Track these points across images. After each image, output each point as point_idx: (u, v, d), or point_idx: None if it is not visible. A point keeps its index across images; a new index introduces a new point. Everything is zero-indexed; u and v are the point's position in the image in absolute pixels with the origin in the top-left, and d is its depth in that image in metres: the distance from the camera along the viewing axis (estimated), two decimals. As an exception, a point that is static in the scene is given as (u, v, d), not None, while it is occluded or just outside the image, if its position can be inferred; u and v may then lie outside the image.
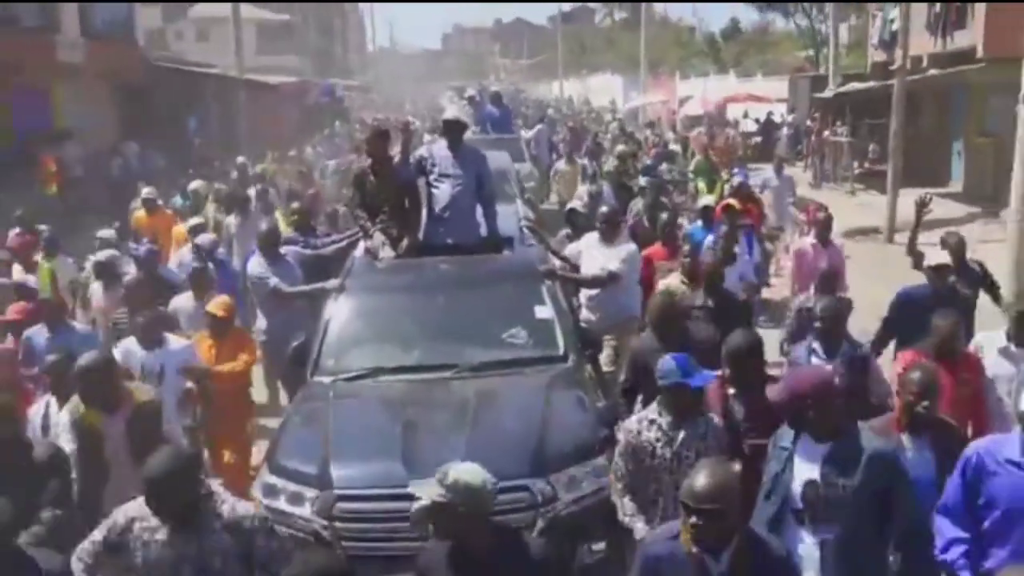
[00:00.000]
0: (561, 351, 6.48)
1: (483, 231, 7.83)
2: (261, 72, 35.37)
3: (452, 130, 7.80)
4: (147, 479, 3.80)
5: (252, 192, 13.53)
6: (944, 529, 4.16)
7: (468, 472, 3.69)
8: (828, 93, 26.96)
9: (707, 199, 10.82)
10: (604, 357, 7.57)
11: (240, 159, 20.27)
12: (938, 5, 22.19)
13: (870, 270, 11.56)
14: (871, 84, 23.97)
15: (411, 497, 4.95)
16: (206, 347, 7.24)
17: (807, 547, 4.22)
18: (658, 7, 75.27)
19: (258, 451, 7.28)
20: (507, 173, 12.18)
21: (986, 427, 5.52)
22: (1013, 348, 5.88)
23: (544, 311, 6.67)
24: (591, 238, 8.51)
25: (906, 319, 6.68)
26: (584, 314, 8.03)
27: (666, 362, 4.70)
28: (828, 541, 4.20)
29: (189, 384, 6.79)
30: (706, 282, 7.18)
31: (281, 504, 5.43)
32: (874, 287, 9.72)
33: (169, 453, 3.96)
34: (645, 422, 4.82)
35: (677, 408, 4.69)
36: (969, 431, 5.42)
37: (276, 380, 8.40)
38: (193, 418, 6.79)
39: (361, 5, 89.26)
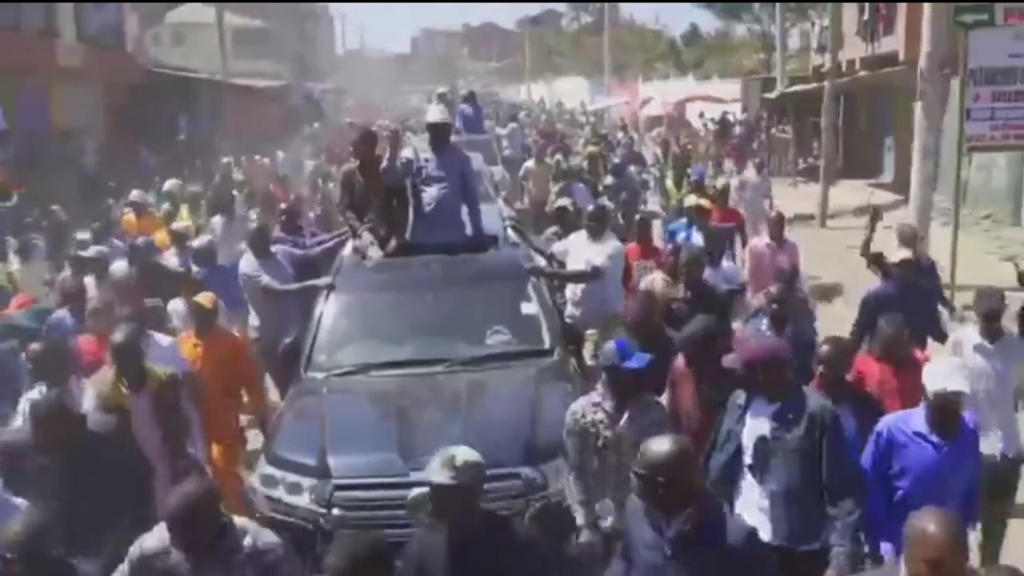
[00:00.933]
0: (547, 345, 6.54)
1: (468, 231, 7.76)
2: (238, 76, 35.26)
3: (437, 132, 7.78)
4: (170, 513, 3.68)
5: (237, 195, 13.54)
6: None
7: (471, 453, 3.79)
8: (774, 94, 28.47)
9: (691, 199, 10.69)
10: (588, 350, 7.64)
11: (224, 160, 20.31)
12: (867, 14, 24.49)
13: (804, 249, 13.35)
14: (810, 86, 24.92)
15: (407, 485, 5.10)
16: (190, 345, 7.04)
17: (757, 498, 4.55)
18: (625, 11, 77.97)
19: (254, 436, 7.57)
20: (483, 174, 12.12)
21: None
22: (987, 344, 5.83)
23: (530, 307, 6.75)
24: (579, 236, 8.59)
25: (875, 320, 6.67)
26: (569, 309, 8.05)
27: (607, 346, 4.93)
28: (776, 492, 4.51)
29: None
30: (685, 274, 7.23)
31: (280, 493, 5.49)
32: (808, 264, 10.41)
33: (192, 485, 3.84)
34: (590, 405, 4.93)
35: (615, 390, 4.83)
36: None
37: (264, 375, 8.33)
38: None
39: (332, 9, 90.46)
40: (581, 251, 8.35)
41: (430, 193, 7.63)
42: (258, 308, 8.32)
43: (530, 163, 15.74)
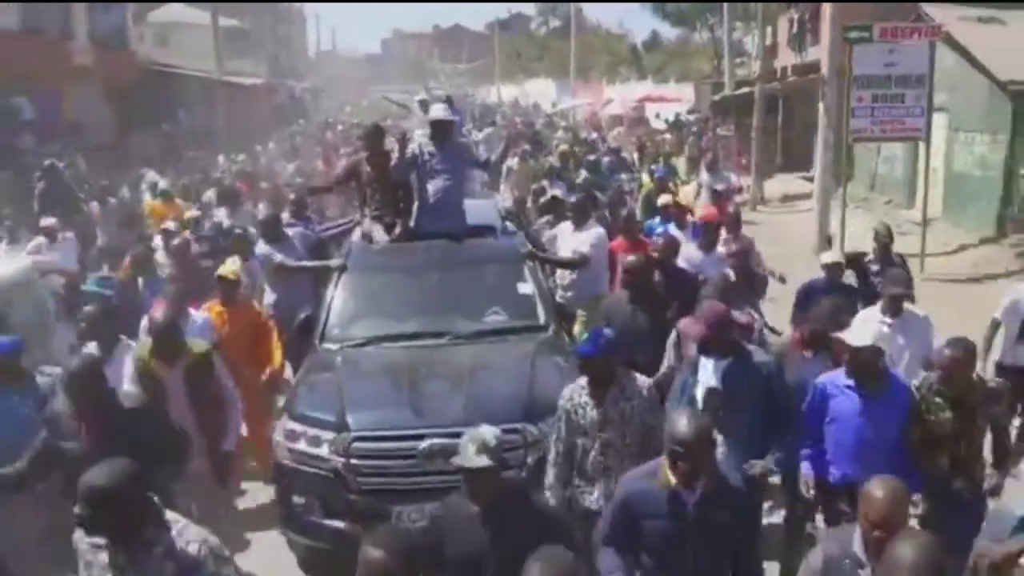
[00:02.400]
0: (542, 322, 6.96)
1: (469, 220, 8.13)
2: (225, 75, 36.58)
3: (439, 128, 8.06)
4: (82, 491, 3.38)
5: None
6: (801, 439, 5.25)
7: (494, 431, 3.92)
8: (717, 97, 30.47)
9: (665, 198, 11.17)
10: (577, 328, 7.92)
11: (222, 157, 21.28)
12: (796, 28, 27.02)
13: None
14: (745, 91, 26.34)
15: (419, 438, 5.57)
16: (216, 313, 7.45)
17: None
18: (591, 16, 79.01)
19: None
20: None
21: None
22: (889, 320, 6.44)
23: (526, 287, 7.18)
24: (565, 226, 9.12)
25: (807, 306, 7.16)
26: (560, 292, 8.43)
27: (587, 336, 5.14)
28: (727, 439, 4.94)
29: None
30: (659, 260, 7.56)
31: (302, 446, 5.89)
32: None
33: (114, 465, 3.49)
34: (578, 388, 5.10)
35: (586, 373, 5.03)
36: None
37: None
38: None
39: (306, 10, 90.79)
40: (568, 239, 8.88)
41: (434, 184, 7.92)
42: (273, 286, 8.67)
43: (512, 162, 15.78)
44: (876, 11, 16.89)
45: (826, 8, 15.70)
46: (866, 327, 5.96)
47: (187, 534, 3.55)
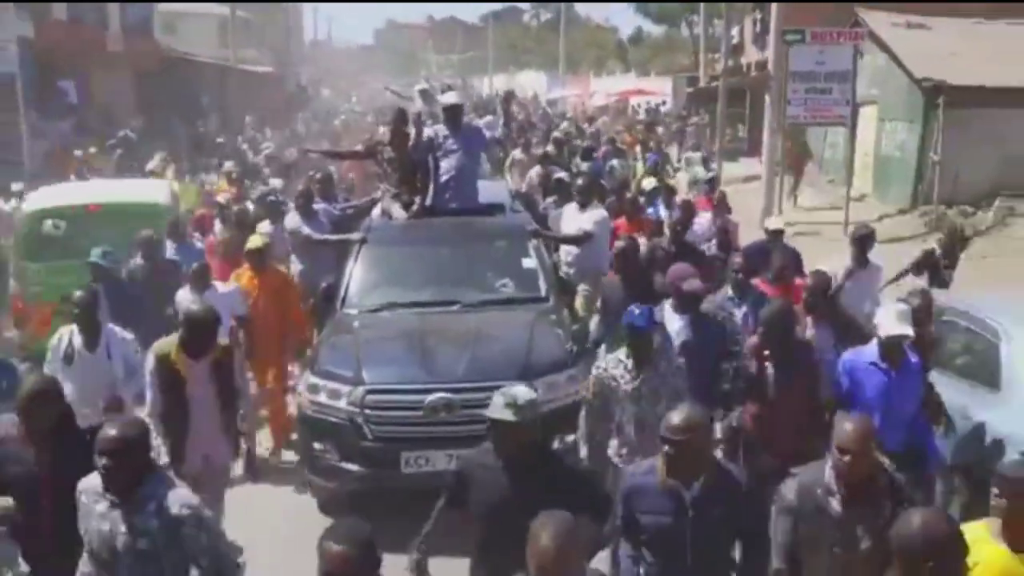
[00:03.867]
0: (543, 294, 7.31)
1: (481, 199, 8.41)
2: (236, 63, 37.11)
3: (453, 112, 8.41)
4: (101, 445, 3.52)
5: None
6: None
7: (529, 392, 3.94)
8: (691, 89, 32.51)
9: (650, 182, 12.24)
10: (579, 302, 8.28)
11: (241, 139, 21.88)
12: (758, 27, 28.72)
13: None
14: (714, 84, 27.57)
15: (426, 392, 5.98)
16: (247, 278, 7.68)
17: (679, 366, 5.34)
18: (581, 10, 78.98)
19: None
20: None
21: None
22: (854, 270, 7.23)
23: (530, 262, 7.55)
24: (571, 206, 9.43)
25: (753, 261, 7.89)
26: (563, 267, 8.75)
27: (629, 310, 5.17)
28: (691, 386, 5.27)
29: (232, 322, 7.11)
30: (671, 234, 8.50)
31: (322, 398, 6.31)
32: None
33: (127, 422, 3.78)
34: (614, 360, 5.24)
35: (633, 347, 5.13)
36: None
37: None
38: (237, 346, 7.03)
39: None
40: (573, 218, 9.15)
41: (448, 164, 8.29)
42: (301, 256, 9.08)
43: (517, 152, 15.79)
44: (823, 15, 18.46)
45: (773, 11, 17.71)
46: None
47: (177, 496, 3.67)
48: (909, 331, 5.20)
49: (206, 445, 5.44)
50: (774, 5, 17.54)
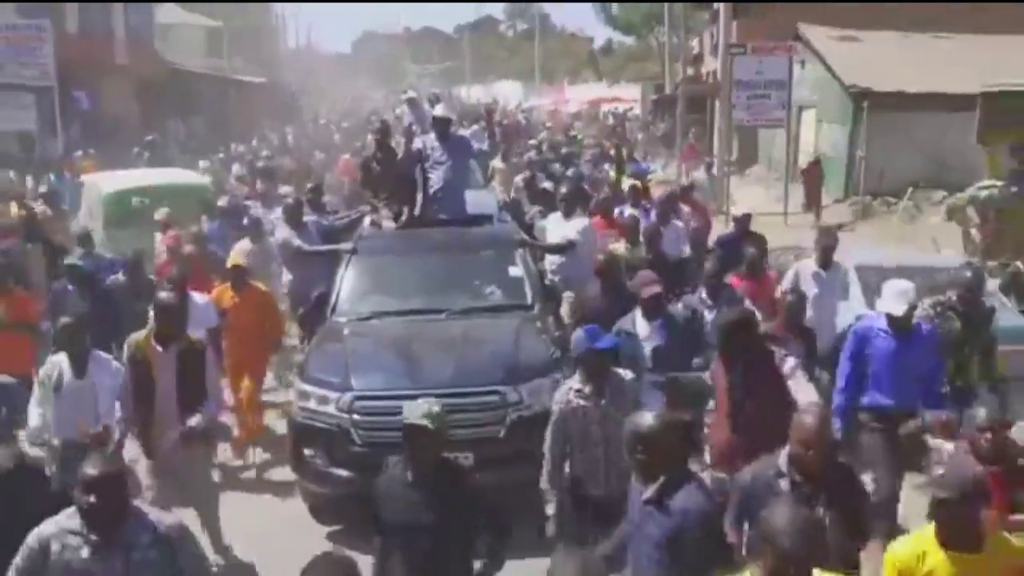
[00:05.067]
0: (529, 301, 7.19)
1: (469, 209, 8.20)
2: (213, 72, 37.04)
3: (441, 124, 8.33)
4: (83, 480, 3.31)
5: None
6: (839, 380, 5.67)
7: (440, 404, 4.00)
8: (655, 96, 34.28)
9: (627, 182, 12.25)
10: (564, 309, 8.19)
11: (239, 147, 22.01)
12: (716, 37, 29.46)
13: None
14: (675, 92, 29.23)
15: (412, 397, 5.23)
16: (228, 297, 7.44)
17: (655, 391, 5.45)
18: (556, 20, 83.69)
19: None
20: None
21: (775, 314, 6.74)
22: (823, 273, 7.34)
23: (516, 271, 7.47)
24: (555, 215, 9.32)
25: (728, 253, 8.28)
26: (549, 275, 8.60)
27: (576, 335, 4.96)
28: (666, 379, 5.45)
29: (210, 327, 6.82)
30: (646, 243, 8.58)
31: (312, 405, 6.21)
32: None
33: (106, 457, 3.64)
34: (572, 391, 4.91)
35: (590, 371, 4.84)
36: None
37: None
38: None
39: (281, 9, 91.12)
40: (558, 227, 8.98)
41: (437, 176, 8.19)
42: (291, 267, 8.87)
43: (496, 161, 15.75)
44: (772, 30, 20.08)
45: (721, 26, 20.45)
46: (797, 280, 7.29)
47: (163, 518, 3.60)
48: (899, 310, 5.41)
49: (171, 431, 5.40)
50: (722, 21, 20.05)
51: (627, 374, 5.14)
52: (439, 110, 8.87)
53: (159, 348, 5.46)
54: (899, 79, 17.83)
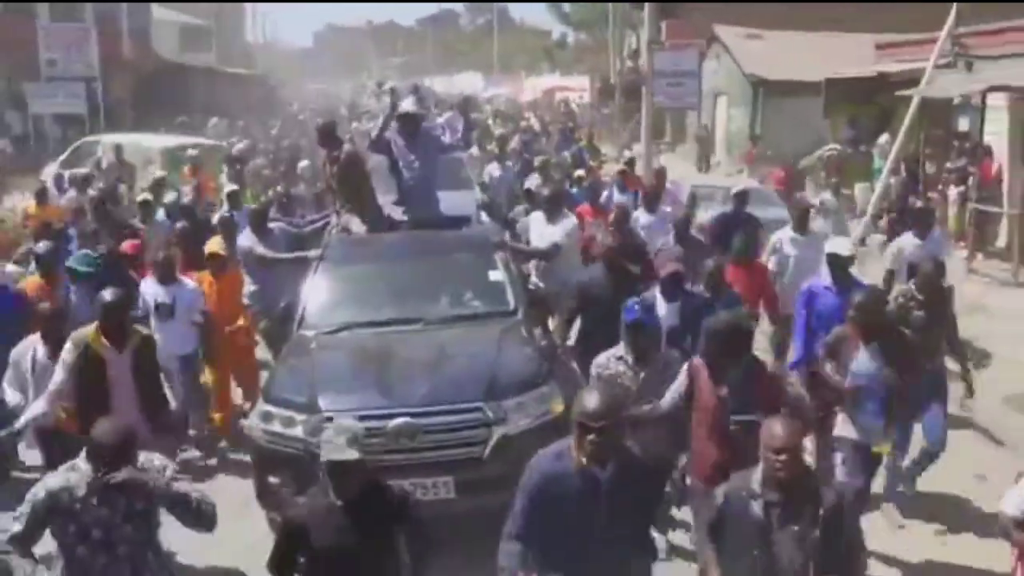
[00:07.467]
0: (511, 307, 6.22)
1: (443, 209, 6.96)
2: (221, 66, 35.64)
3: (408, 122, 7.34)
4: (101, 441, 3.49)
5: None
6: (795, 335, 5.64)
7: (356, 424, 3.64)
8: (599, 85, 34.58)
9: (579, 172, 11.69)
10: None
11: (236, 142, 19.85)
12: (662, 33, 35.62)
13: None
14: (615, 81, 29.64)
15: (387, 417, 5.06)
16: (207, 283, 6.77)
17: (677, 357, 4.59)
18: (515, 14, 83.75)
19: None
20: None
21: (771, 305, 6.77)
22: (799, 236, 7.22)
23: (496, 275, 6.57)
24: (537, 216, 8.13)
25: (722, 233, 7.83)
26: (533, 279, 7.75)
27: (629, 305, 4.76)
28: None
29: (197, 317, 6.29)
30: (615, 227, 7.19)
31: (276, 427, 5.18)
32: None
33: (119, 423, 3.65)
34: (613, 359, 4.63)
35: (635, 342, 4.59)
36: (760, 307, 6.65)
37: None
38: (200, 344, 6.35)
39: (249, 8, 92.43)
40: (540, 229, 7.77)
41: (406, 176, 7.13)
42: (255, 276, 7.59)
43: (474, 150, 15.60)
44: (695, 28, 22.28)
45: (646, 26, 20.74)
46: (778, 249, 7.60)
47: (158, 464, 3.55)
48: (843, 251, 5.56)
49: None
50: (647, 21, 24.02)
51: (676, 355, 4.67)
52: (408, 105, 7.67)
53: (111, 347, 4.82)
54: (789, 70, 19.39)
